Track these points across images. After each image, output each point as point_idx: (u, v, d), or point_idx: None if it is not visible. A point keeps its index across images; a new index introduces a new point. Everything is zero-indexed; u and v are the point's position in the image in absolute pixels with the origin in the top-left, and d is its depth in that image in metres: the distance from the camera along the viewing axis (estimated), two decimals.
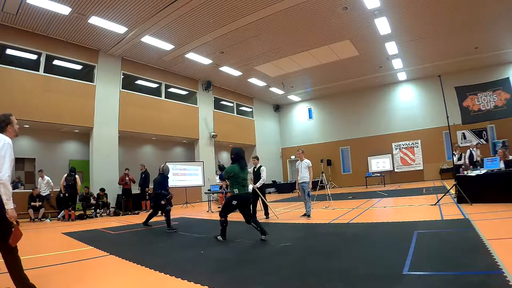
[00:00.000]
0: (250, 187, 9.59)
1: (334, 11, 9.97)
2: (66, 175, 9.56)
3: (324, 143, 20.12)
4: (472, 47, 13.22)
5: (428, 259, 3.09)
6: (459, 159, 10.31)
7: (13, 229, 2.50)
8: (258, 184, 7.35)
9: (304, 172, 7.00)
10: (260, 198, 7.41)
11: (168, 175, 7.24)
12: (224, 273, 3.22)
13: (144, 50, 12.03)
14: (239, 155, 5.12)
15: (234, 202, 5.01)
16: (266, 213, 7.42)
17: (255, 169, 7.62)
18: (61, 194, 9.62)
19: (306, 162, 7.06)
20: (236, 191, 4.97)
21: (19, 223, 2.68)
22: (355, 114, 19.16)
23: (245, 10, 9.51)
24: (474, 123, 11.52)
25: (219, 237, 4.98)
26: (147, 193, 11.35)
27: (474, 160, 10.18)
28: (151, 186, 10.81)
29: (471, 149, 10.60)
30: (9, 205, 2.50)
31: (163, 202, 6.72)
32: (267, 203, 7.45)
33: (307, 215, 6.89)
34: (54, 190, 10.19)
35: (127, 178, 11.05)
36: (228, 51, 12.63)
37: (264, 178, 7.47)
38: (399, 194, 10.79)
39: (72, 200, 9.46)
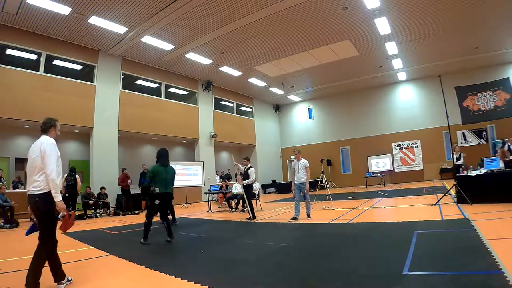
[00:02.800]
0: (239, 185, 9.63)
1: (334, 11, 9.97)
2: (66, 175, 9.56)
3: (324, 143, 20.12)
4: (472, 47, 13.21)
5: (428, 259, 3.09)
6: (458, 159, 10.30)
7: (62, 218, 3.03)
8: (245, 182, 7.42)
9: (301, 173, 6.75)
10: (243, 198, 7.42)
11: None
12: (224, 273, 3.22)
13: (144, 50, 12.03)
14: (159, 154, 5.37)
15: (157, 202, 5.14)
16: (253, 215, 7.25)
17: (245, 170, 7.73)
18: (67, 194, 9.60)
19: (304, 162, 6.82)
20: (157, 190, 5.10)
21: (71, 213, 3.13)
22: (355, 114, 19.16)
23: (245, 10, 9.51)
24: (474, 123, 11.50)
25: (143, 240, 4.98)
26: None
27: None
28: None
29: (509, 143, 9.56)
30: (58, 198, 2.85)
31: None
32: (247, 204, 7.35)
33: (307, 214, 6.78)
34: None
35: (129, 181, 11.11)
36: (228, 51, 12.63)
37: (253, 179, 7.54)
38: (399, 194, 10.79)
39: (72, 200, 9.45)
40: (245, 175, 7.61)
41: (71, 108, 10.79)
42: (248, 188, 7.47)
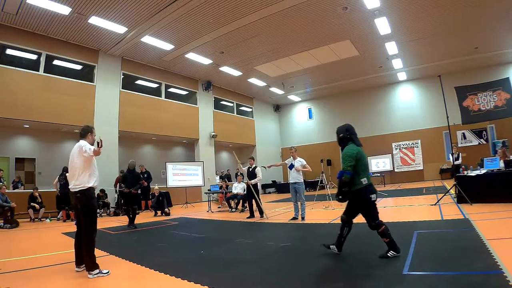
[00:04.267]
0: (239, 185, 9.62)
1: (334, 11, 9.96)
2: (59, 175, 9.52)
3: (324, 143, 20.09)
4: (472, 47, 13.21)
5: (428, 259, 3.09)
6: (457, 159, 10.28)
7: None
8: (253, 182, 7.38)
9: (296, 172, 6.56)
10: (254, 198, 7.41)
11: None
12: (224, 273, 3.22)
13: (144, 50, 12.02)
14: (350, 131, 3.66)
15: (374, 196, 3.44)
16: (261, 212, 7.43)
17: (250, 169, 7.74)
18: (59, 193, 9.60)
19: (300, 161, 6.64)
20: (365, 181, 3.41)
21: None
22: (355, 114, 19.11)
23: (245, 10, 9.51)
24: (474, 123, 11.49)
25: (333, 247, 3.64)
26: (150, 193, 11.38)
27: None
28: (155, 185, 11.00)
29: None
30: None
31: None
32: (259, 203, 7.41)
33: (301, 217, 6.56)
34: (51, 190, 10.19)
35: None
36: (228, 51, 12.62)
37: (260, 177, 7.63)
38: (399, 194, 10.79)
39: (64, 199, 9.40)
40: (251, 175, 7.61)
41: (71, 108, 10.78)
42: (256, 186, 7.51)
